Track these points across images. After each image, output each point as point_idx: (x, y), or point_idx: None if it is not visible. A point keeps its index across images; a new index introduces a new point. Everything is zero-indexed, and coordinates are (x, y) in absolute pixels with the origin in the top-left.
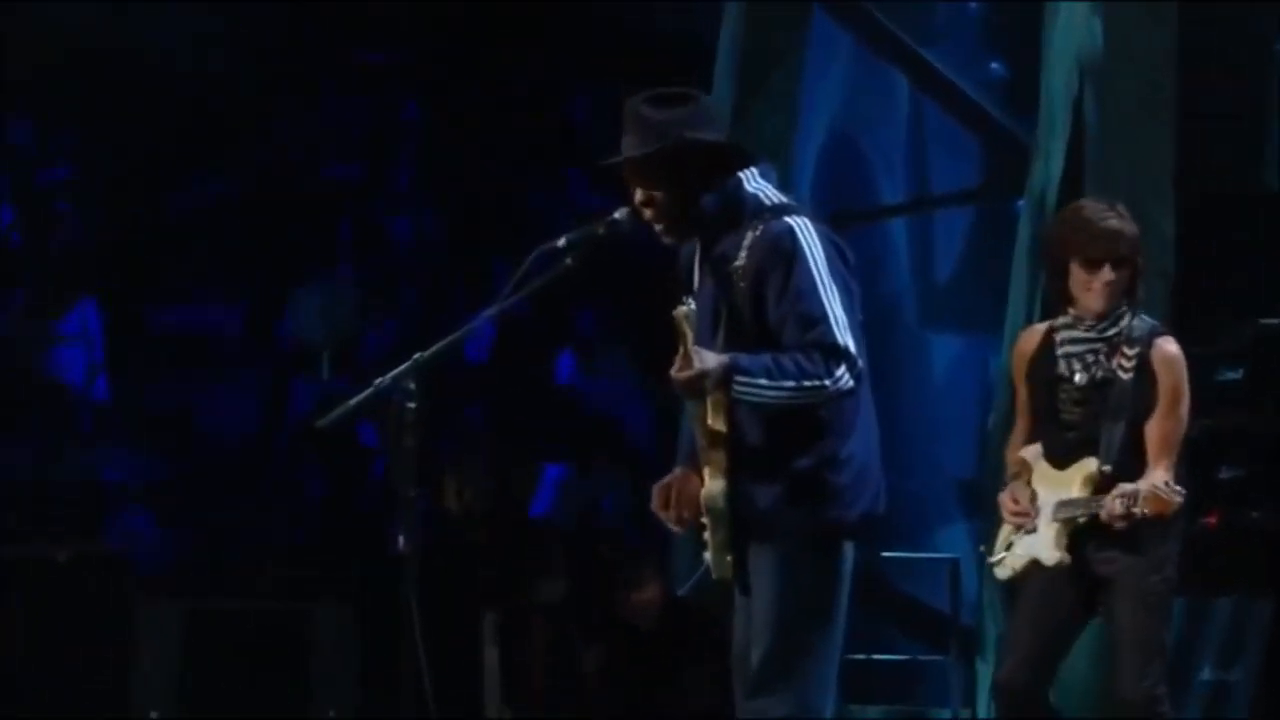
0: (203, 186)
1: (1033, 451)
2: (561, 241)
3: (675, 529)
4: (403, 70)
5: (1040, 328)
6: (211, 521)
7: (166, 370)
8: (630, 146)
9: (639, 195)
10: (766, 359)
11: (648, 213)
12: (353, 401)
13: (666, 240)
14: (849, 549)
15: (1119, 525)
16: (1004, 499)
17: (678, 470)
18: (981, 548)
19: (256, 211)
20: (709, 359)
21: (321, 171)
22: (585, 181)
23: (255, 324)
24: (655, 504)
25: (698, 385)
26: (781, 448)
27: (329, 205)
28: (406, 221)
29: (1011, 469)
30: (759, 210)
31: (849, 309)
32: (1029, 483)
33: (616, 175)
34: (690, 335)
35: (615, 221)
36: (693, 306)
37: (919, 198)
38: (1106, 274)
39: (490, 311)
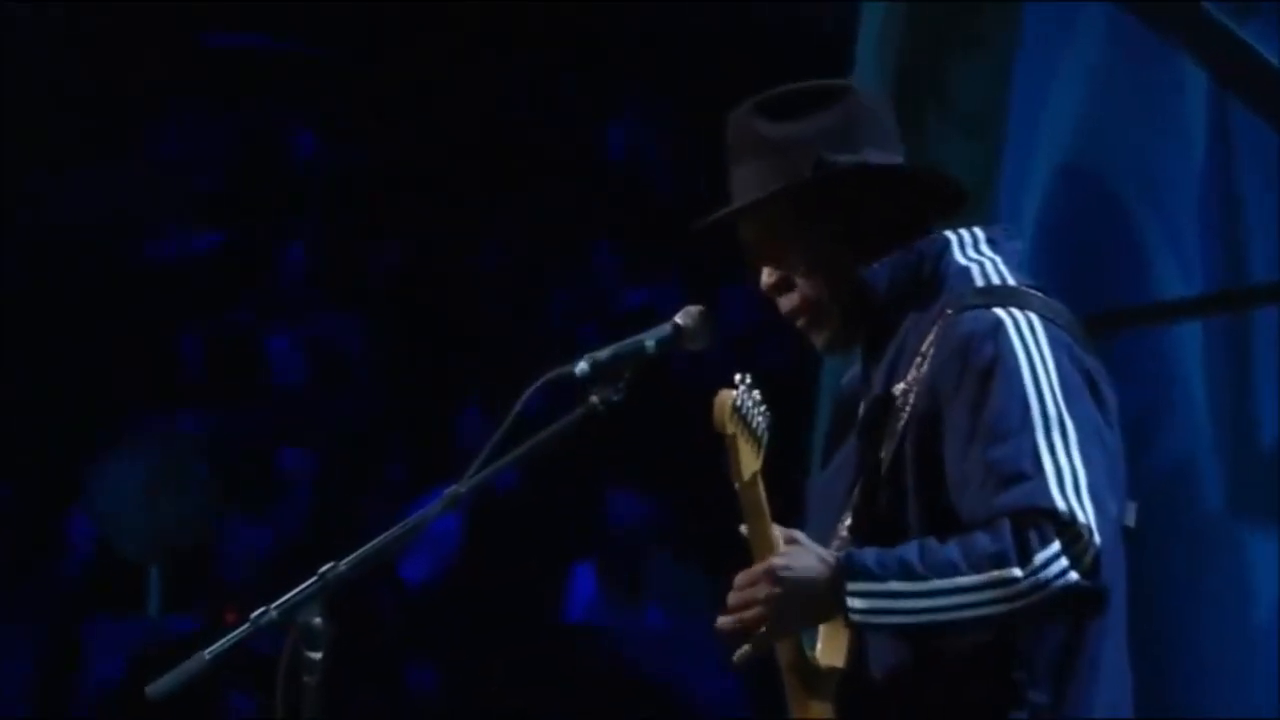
0: None
1: None
2: (581, 365)
3: None
4: (291, 68)
5: None
6: None
7: None
8: (743, 187)
9: (766, 274)
10: (912, 547)
11: (784, 302)
12: (209, 652)
13: (824, 349)
14: None
15: None
16: None
17: None
18: None
19: (22, 321)
20: (805, 557)
21: (145, 248)
22: (620, 260)
23: (26, 520)
24: None
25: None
26: (943, 700)
27: (158, 309)
28: (296, 335)
29: None
30: (962, 293)
31: (1106, 471)
32: None
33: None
34: (757, 502)
35: (675, 332)
36: (752, 402)
37: (1227, 288)
38: None
39: (452, 492)
